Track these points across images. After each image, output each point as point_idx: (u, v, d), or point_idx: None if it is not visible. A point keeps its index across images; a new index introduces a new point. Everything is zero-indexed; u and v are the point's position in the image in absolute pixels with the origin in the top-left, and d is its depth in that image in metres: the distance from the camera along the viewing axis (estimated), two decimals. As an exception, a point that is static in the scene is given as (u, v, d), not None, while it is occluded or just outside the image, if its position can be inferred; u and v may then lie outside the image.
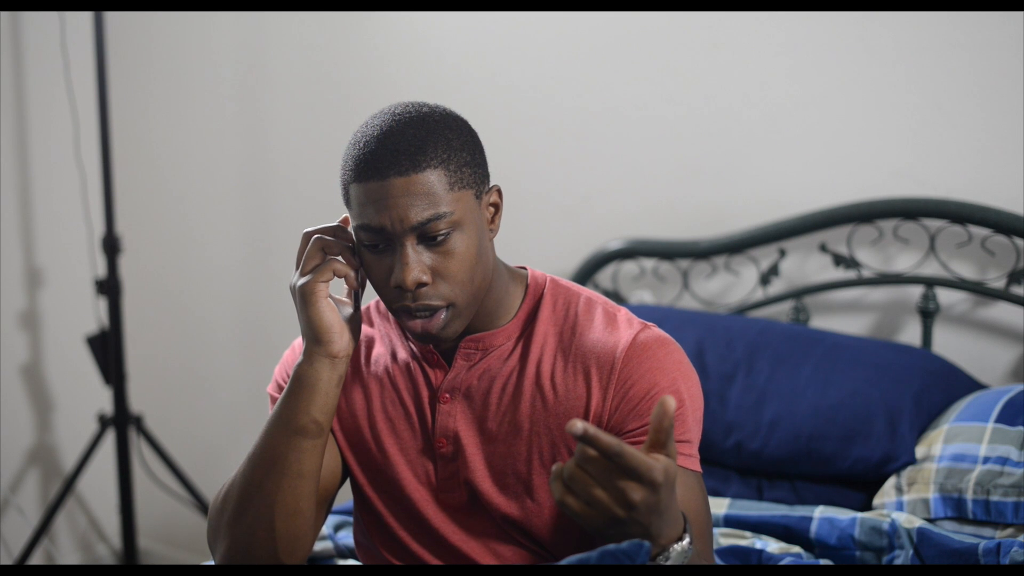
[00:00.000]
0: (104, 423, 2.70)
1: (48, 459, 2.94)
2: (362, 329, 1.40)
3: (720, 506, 1.80)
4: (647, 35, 2.27)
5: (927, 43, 2.01)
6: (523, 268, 1.41)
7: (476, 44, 2.46)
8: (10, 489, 2.85)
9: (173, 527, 3.05)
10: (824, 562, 1.65)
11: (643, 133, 2.30)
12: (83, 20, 2.76)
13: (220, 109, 2.85)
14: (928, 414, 1.84)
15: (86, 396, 2.92)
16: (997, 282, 1.98)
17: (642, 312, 1.84)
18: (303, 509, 1.31)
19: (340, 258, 1.30)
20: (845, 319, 2.15)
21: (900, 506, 1.73)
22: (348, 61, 2.63)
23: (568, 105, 2.38)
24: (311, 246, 1.29)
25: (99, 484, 2.98)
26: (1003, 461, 1.67)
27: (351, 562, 1.70)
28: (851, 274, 2.12)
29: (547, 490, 1.33)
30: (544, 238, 2.42)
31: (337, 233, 1.31)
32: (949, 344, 2.04)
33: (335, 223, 1.32)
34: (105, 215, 2.65)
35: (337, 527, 1.82)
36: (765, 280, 2.18)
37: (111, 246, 2.65)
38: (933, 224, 2.02)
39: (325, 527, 1.78)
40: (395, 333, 1.41)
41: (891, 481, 1.78)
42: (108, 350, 2.69)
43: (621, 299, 2.33)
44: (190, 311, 3.02)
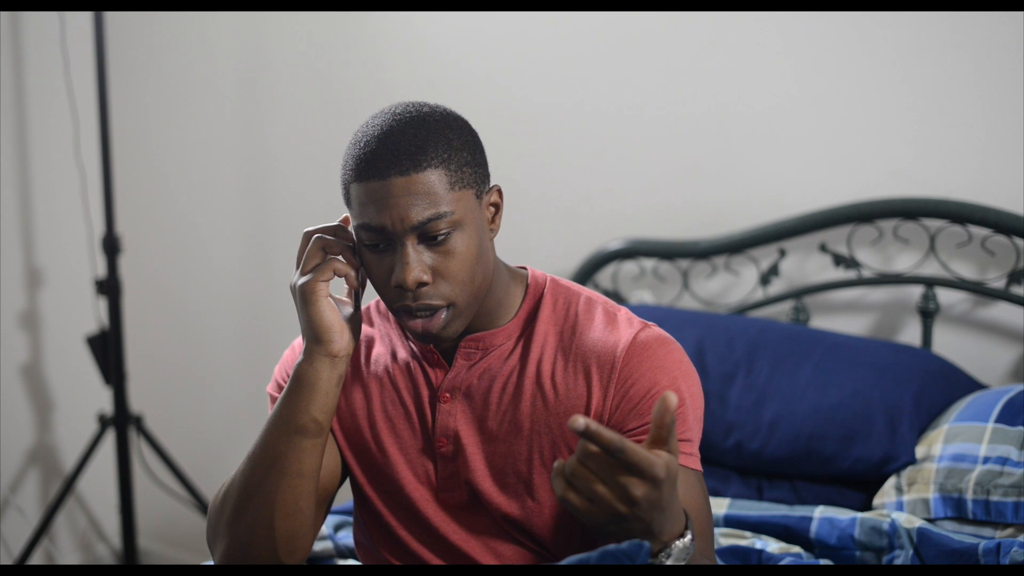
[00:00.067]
0: (104, 423, 2.70)
1: (48, 459, 2.94)
2: (362, 329, 1.40)
3: (720, 506, 1.80)
4: (647, 35, 2.27)
5: (927, 43, 2.01)
6: (523, 268, 1.41)
7: (476, 44, 2.46)
8: (10, 489, 2.85)
9: (173, 527, 3.04)
10: (824, 562, 1.64)
11: (643, 133, 2.30)
12: (83, 20, 2.76)
13: (220, 109, 2.85)
14: (928, 414, 1.84)
15: (86, 396, 2.92)
16: (997, 282, 1.98)
17: (642, 312, 1.84)
18: (303, 508, 1.31)
19: (341, 257, 1.30)
20: (845, 319, 2.15)
21: (900, 506, 1.73)
22: (348, 61, 2.63)
23: (568, 105, 2.38)
24: (311, 245, 1.29)
25: (99, 484, 2.98)
26: (1003, 461, 1.66)
27: (351, 562, 1.70)
28: (851, 274, 2.12)
29: (547, 489, 1.33)
30: (544, 238, 2.42)
31: (338, 232, 1.31)
32: (949, 344, 2.04)
33: (335, 223, 1.32)
34: (105, 215, 2.65)
35: (337, 527, 1.82)
36: (765, 280, 2.18)
37: (111, 246, 2.65)
38: (933, 224, 2.02)
39: (325, 527, 1.78)
40: (395, 333, 1.41)
41: (891, 481, 1.78)
42: (108, 350, 2.69)
43: (621, 299, 2.33)
44: (190, 311, 3.02)
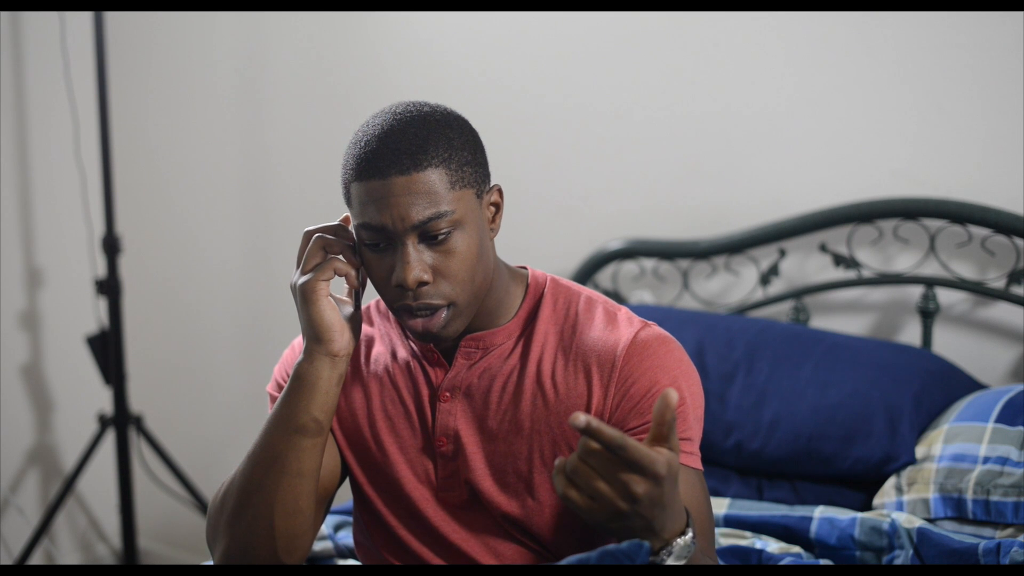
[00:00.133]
0: (104, 423, 2.70)
1: (48, 459, 2.94)
2: (362, 328, 1.40)
3: (720, 506, 1.80)
4: (647, 35, 2.27)
5: (927, 43, 2.01)
6: (523, 268, 1.41)
7: (476, 44, 2.46)
8: (10, 489, 2.85)
9: (173, 527, 3.04)
10: (824, 562, 1.64)
11: (643, 133, 2.30)
12: (83, 20, 2.76)
13: (220, 109, 2.85)
14: (928, 414, 1.84)
15: (86, 396, 2.92)
16: (997, 282, 1.98)
17: (642, 312, 1.84)
18: (302, 508, 1.31)
19: (341, 257, 1.30)
20: (845, 319, 2.15)
21: (900, 506, 1.73)
22: (348, 61, 2.63)
23: (568, 105, 2.38)
24: (312, 245, 1.29)
25: (99, 484, 2.98)
26: (1003, 461, 1.66)
27: (351, 562, 1.70)
28: (851, 274, 2.12)
29: (548, 489, 1.33)
30: (544, 238, 2.42)
31: (338, 232, 1.31)
32: (949, 344, 2.04)
33: (336, 222, 1.32)
34: (105, 215, 2.65)
35: (337, 527, 1.82)
36: (765, 280, 2.18)
37: (111, 246, 2.65)
38: (933, 224, 2.02)
39: (325, 527, 1.78)
40: (395, 332, 1.41)
41: (891, 481, 1.78)
42: (108, 350, 2.69)
43: (621, 299, 2.33)
44: (190, 311, 3.02)
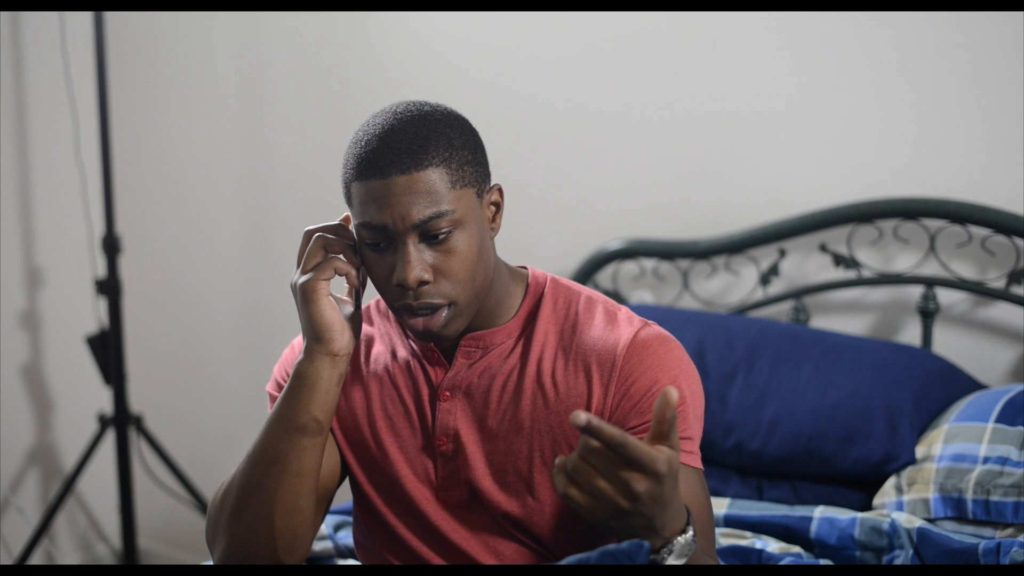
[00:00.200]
0: (104, 423, 2.70)
1: (48, 459, 2.94)
2: (362, 328, 1.40)
3: (720, 506, 1.80)
4: (647, 35, 2.27)
5: (927, 43, 2.01)
6: (523, 268, 1.41)
7: (476, 44, 2.46)
8: (10, 489, 2.85)
9: (173, 527, 3.04)
10: (824, 562, 1.64)
11: (643, 133, 2.30)
12: (83, 20, 2.76)
13: (220, 109, 2.85)
14: (928, 414, 1.84)
15: (86, 396, 2.92)
16: (997, 282, 1.98)
17: (642, 312, 1.84)
18: (302, 508, 1.31)
19: (341, 256, 1.30)
20: (845, 319, 2.15)
21: (900, 506, 1.73)
22: (348, 61, 2.63)
23: (568, 105, 2.38)
24: (312, 244, 1.30)
25: (99, 484, 2.98)
26: (1003, 461, 1.66)
27: (351, 562, 1.70)
28: (851, 274, 2.12)
29: (548, 488, 1.33)
30: (544, 238, 2.42)
31: (338, 231, 1.31)
32: (949, 344, 2.04)
33: (336, 222, 1.32)
34: (105, 215, 2.65)
35: (337, 527, 1.82)
36: (765, 280, 2.18)
37: (111, 246, 2.65)
38: (933, 224, 2.02)
39: (325, 527, 1.78)
40: (395, 332, 1.41)
41: (891, 481, 1.78)
42: (108, 350, 2.69)
43: (621, 299, 2.33)
44: (190, 311, 3.02)
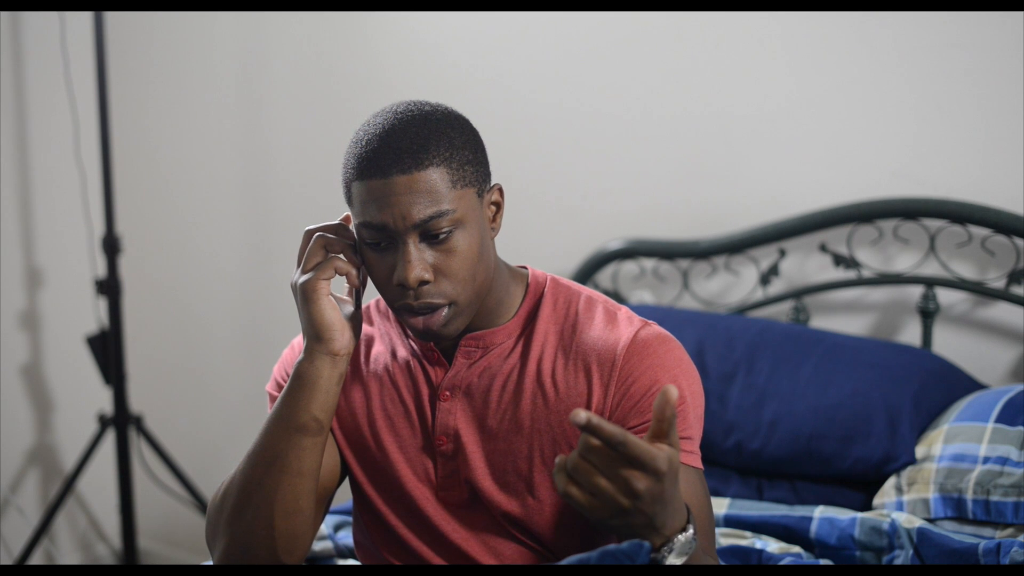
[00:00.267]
0: (104, 423, 2.70)
1: (48, 459, 2.94)
2: (362, 327, 1.40)
3: (720, 506, 1.80)
4: (647, 35, 2.27)
5: (927, 43, 2.01)
6: (524, 267, 1.41)
7: (476, 44, 2.46)
8: (10, 489, 2.85)
9: (173, 527, 3.04)
10: (824, 562, 1.64)
11: (643, 133, 2.30)
12: (83, 20, 2.76)
13: (220, 109, 2.85)
14: (928, 414, 1.84)
15: (86, 396, 2.92)
16: (997, 282, 1.98)
17: (642, 312, 1.84)
18: (302, 507, 1.31)
19: (342, 256, 1.30)
20: (845, 319, 2.15)
21: (900, 506, 1.73)
22: (348, 61, 2.63)
23: (568, 105, 2.38)
24: (313, 244, 1.30)
25: (99, 484, 2.98)
26: (1003, 461, 1.66)
27: (351, 562, 1.70)
28: (851, 274, 2.12)
29: (548, 488, 1.33)
30: (544, 238, 2.42)
31: (339, 231, 1.31)
32: (949, 344, 2.04)
33: (337, 221, 1.32)
34: (105, 215, 2.65)
35: (337, 527, 1.82)
36: (765, 280, 2.18)
37: (111, 246, 2.65)
38: (933, 224, 2.02)
39: (325, 527, 1.78)
40: (395, 331, 1.41)
41: (891, 481, 1.78)
42: (108, 350, 2.69)
43: (621, 299, 2.33)
44: (190, 311, 3.02)
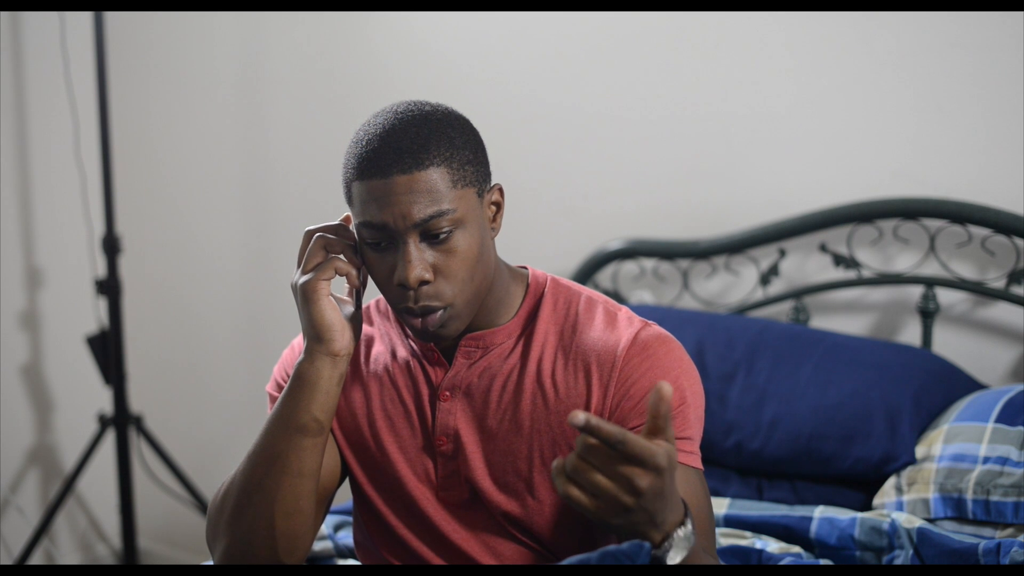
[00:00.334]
0: (104, 423, 2.70)
1: (48, 459, 2.94)
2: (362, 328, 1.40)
3: (720, 506, 1.80)
4: (647, 35, 2.27)
5: (927, 43, 2.01)
6: (524, 268, 1.41)
7: (476, 44, 2.46)
8: (10, 489, 2.85)
9: (173, 527, 3.04)
10: (824, 562, 1.64)
11: (643, 133, 2.30)
12: (83, 20, 2.76)
13: (220, 109, 2.85)
14: (928, 414, 1.84)
15: (86, 396, 2.92)
16: (997, 282, 1.98)
17: (642, 312, 1.84)
18: (303, 508, 1.31)
19: (342, 256, 1.30)
20: (845, 319, 2.15)
21: (900, 506, 1.73)
22: (348, 61, 2.63)
23: (568, 105, 2.38)
24: (313, 244, 1.29)
25: (99, 484, 2.98)
26: (1003, 461, 1.66)
27: (351, 562, 1.70)
28: (851, 274, 2.12)
29: (548, 488, 1.33)
30: (544, 238, 2.42)
31: (339, 231, 1.31)
32: (949, 344, 2.04)
33: (337, 222, 1.32)
34: (105, 215, 2.65)
35: (337, 527, 1.82)
36: (765, 280, 2.18)
37: (111, 246, 2.65)
38: (933, 224, 2.02)
39: (325, 527, 1.78)
40: (395, 331, 1.41)
41: (891, 481, 1.78)
42: (108, 350, 2.69)
43: (621, 299, 2.33)
44: (190, 311, 3.02)
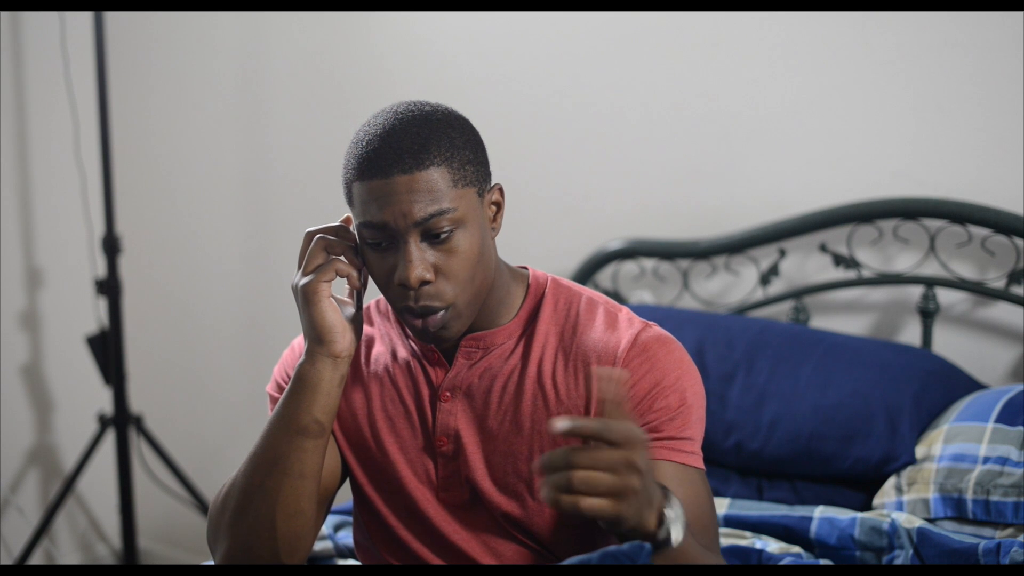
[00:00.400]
0: (104, 423, 2.70)
1: (48, 459, 2.94)
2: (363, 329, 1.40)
3: (720, 506, 1.80)
4: (647, 35, 2.27)
5: (927, 43, 2.01)
6: (524, 268, 1.41)
7: (476, 44, 2.46)
8: (10, 489, 2.85)
9: (173, 527, 3.04)
10: (824, 562, 1.65)
11: (643, 133, 2.30)
12: (83, 20, 2.76)
13: (220, 109, 2.85)
14: (928, 414, 1.84)
15: (86, 396, 2.92)
16: (997, 282, 1.98)
17: (642, 312, 1.84)
18: (304, 509, 1.31)
19: (343, 258, 1.29)
20: (845, 319, 2.15)
21: (900, 506, 1.73)
22: (348, 61, 2.63)
23: (568, 105, 2.38)
24: (314, 245, 1.29)
25: (99, 484, 2.98)
26: (1003, 461, 1.66)
27: (351, 562, 1.70)
28: (851, 274, 2.12)
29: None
30: (544, 238, 2.42)
31: (339, 233, 1.31)
32: (949, 344, 2.04)
33: (337, 223, 1.32)
34: (105, 215, 2.65)
35: (337, 527, 1.82)
36: (765, 280, 2.18)
37: (111, 246, 2.65)
38: (933, 224, 2.02)
39: (325, 527, 1.78)
40: (395, 332, 1.41)
41: (891, 481, 1.78)
42: (108, 350, 2.69)
43: (621, 299, 2.33)
44: (190, 311, 3.02)
